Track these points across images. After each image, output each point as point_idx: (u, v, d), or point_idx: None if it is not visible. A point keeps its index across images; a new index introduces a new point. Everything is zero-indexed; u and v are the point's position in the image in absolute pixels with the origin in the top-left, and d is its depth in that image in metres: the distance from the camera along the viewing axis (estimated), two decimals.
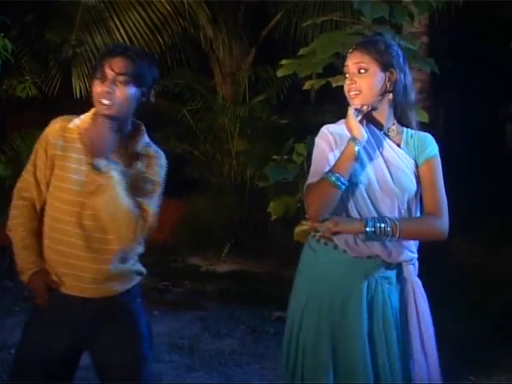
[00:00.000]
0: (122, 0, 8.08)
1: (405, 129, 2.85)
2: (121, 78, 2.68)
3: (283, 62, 5.27)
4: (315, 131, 3.05)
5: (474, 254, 7.61)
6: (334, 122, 2.94)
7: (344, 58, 2.81)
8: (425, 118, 5.75)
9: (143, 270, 2.92)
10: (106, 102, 2.68)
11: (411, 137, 2.84)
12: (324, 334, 2.81)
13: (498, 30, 9.92)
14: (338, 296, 2.81)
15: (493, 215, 8.74)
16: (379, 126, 2.82)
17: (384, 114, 2.81)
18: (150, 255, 2.95)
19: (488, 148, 10.80)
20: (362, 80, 2.75)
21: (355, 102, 2.75)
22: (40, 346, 2.75)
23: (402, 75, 2.78)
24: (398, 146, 2.82)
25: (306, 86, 5.59)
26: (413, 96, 2.87)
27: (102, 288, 2.75)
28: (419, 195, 2.83)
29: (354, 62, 2.77)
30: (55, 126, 2.77)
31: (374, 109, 2.79)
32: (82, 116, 2.79)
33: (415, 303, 2.84)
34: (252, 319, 6.00)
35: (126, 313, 2.84)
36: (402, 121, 2.86)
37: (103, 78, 2.68)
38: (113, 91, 2.68)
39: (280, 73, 5.27)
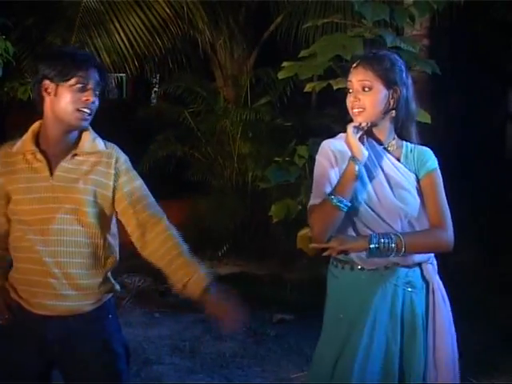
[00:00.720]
0: (122, 3, 8.07)
1: (404, 143, 2.85)
2: (98, 88, 2.66)
3: (284, 64, 5.27)
4: (317, 133, 3.07)
5: (474, 255, 7.60)
6: (334, 124, 2.94)
7: (345, 61, 2.80)
8: (427, 118, 5.75)
9: (115, 285, 2.83)
10: (87, 111, 2.64)
11: (411, 151, 2.83)
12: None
13: (499, 31, 9.92)
14: (363, 314, 2.77)
15: (494, 216, 8.74)
16: (379, 141, 2.81)
17: (385, 130, 2.81)
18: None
19: (489, 149, 10.79)
20: (366, 98, 2.73)
21: (358, 119, 2.74)
22: (8, 366, 2.69)
23: (405, 90, 2.78)
24: (398, 160, 2.81)
25: (307, 88, 5.59)
26: (414, 108, 2.85)
27: (71, 306, 2.67)
28: (422, 208, 2.80)
29: (359, 79, 2.74)
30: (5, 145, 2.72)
31: (374, 125, 2.78)
32: (22, 138, 2.72)
33: (434, 309, 2.82)
34: (253, 322, 5.98)
35: (96, 330, 2.72)
36: (403, 135, 2.86)
37: (84, 87, 2.62)
38: (95, 101, 2.66)
39: (281, 75, 5.26)
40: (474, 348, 5.37)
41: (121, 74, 10.94)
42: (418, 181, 2.80)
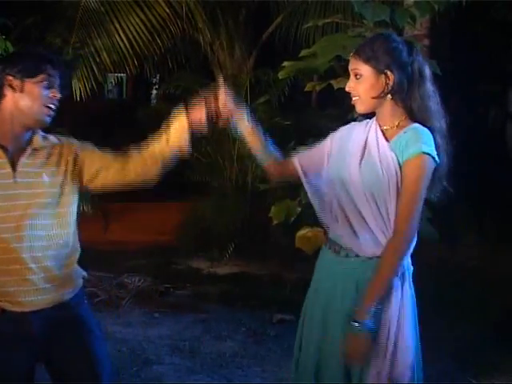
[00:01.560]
0: (121, 3, 8.06)
1: (409, 126, 2.68)
2: (61, 85, 2.70)
3: (285, 63, 5.27)
4: (317, 134, 3.05)
5: (475, 255, 7.61)
6: (335, 124, 2.93)
7: (344, 61, 2.79)
8: None
9: (84, 272, 2.88)
10: (53, 107, 2.68)
11: (404, 132, 2.67)
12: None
13: (499, 31, 9.92)
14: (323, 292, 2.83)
15: (495, 216, 8.74)
16: (381, 124, 2.75)
17: (386, 115, 2.73)
18: (152, 257, 2.96)
19: (489, 149, 10.80)
20: (358, 86, 2.71)
21: (356, 108, 2.75)
22: (4, 372, 2.68)
23: (401, 72, 2.67)
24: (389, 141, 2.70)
25: (308, 88, 5.59)
26: (425, 89, 2.72)
27: (52, 298, 2.71)
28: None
29: (352, 68, 2.74)
30: None
31: (374, 111, 2.76)
32: None
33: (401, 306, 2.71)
34: (253, 322, 5.99)
35: (76, 315, 2.81)
36: (419, 117, 2.71)
37: (50, 84, 2.65)
38: (59, 98, 2.70)
39: (281, 75, 5.26)
40: (474, 348, 5.39)
41: (121, 74, 10.96)
42: (400, 164, 2.63)
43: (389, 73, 2.67)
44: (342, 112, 6.13)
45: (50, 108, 2.67)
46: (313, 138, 3.00)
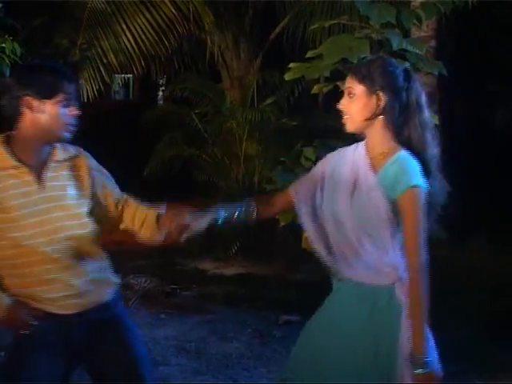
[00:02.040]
0: (128, 4, 8.07)
1: (398, 153, 2.66)
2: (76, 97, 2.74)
3: (291, 65, 5.27)
4: (323, 135, 3.07)
5: (482, 258, 7.59)
6: (341, 126, 2.91)
7: (351, 62, 2.78)
8: (434, 119, 5.75)
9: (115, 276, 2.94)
10: (74, 123, 2.72)
11: (393, 162, 2.64)
12: None
13: (504, 32, 9.90)
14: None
15: (501, 217, 8.72)
16: (369, 151, 2.74)
17: (376, 138, 2.72)
18: (158, 258, 2.97)
19: (495, 150, 10.78)
20: (351, 104, 2.71)
21: (347, 127, 2.75)
22: (38, 373, 2.68)
23: (394, 96, 2.66)
24: (375, 171, 2.68)
25: (314, 89, 5.58)
26: (422, 117, 2.71)
27: (93, 299, 2.76)
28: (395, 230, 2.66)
29: (347, 86, 2.74)
30: None
31: (365, 131, 2.74)
32: None
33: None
34: (259, 323, 5.99)
35: (116, 316, 2.86)
36: (417, 146, 2.70)
37: (69, 102, 2.69)
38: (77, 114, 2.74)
39: (288, 76, 5.26)
40: (480, 349, 5.38)
41: (127, 75, 10.97)
42: (392, 199, 2.62)
43: (380, 94, 2.66)
44: None
45: (70, 125, 2.71)
46: (319, 139, 3.01)
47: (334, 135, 3.02)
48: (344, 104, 2.74)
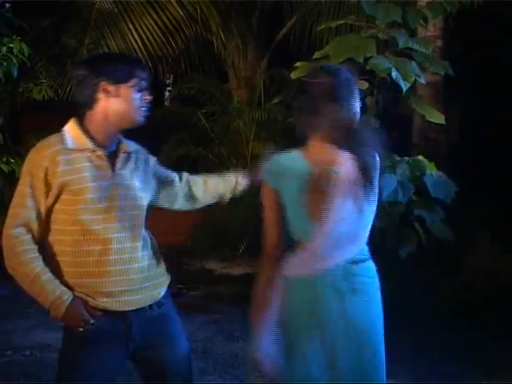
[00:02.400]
0: (135, 4, 8.09)
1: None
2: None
3: (298, 64, 5.29)
4: None
5: (490, 257, 7.56)
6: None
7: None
8: (441, 119, 5.76)
9: None
10: (146, 107, 2.81)
11: None
12: None
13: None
14: None
15: (505, 220, 8.68)
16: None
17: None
18: (165, 258, 2.98)
19: (503, 149, 10.74)
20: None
21: None
22: (97, 370, 2.71)
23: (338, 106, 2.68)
24: None
25: None
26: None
27: (150, 295, 2.81)
28: None
29: None
30: (46, 152, 2.67)
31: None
32: (67, 135, 2.73)
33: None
34: None
35: (168, 312, 2.91)
36: None
37: (142, 87, 2.77)
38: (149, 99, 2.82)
39: (294, 75, 5.27)
40: (487, 349, 5.37)
41: None
42: None
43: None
44: None
45: (144, 109, 2.79)
46: None
47: None
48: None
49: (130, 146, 2.86)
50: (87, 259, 2.66)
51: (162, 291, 2.86)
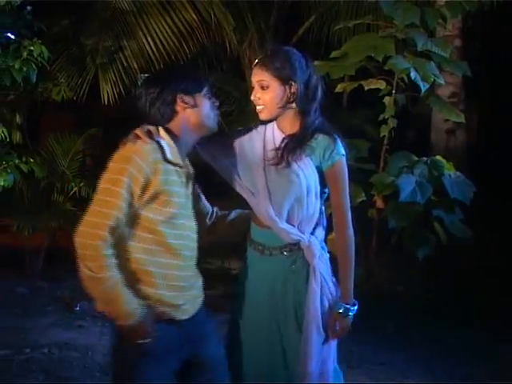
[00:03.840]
0: (149, 7, 8.09)
1: (318, 134, 2.96)
2: None
3: (315, 63, 5.28)
4: (348, 135, 3.07)
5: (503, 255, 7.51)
6: (366, 125, 2.95)
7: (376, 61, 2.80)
8: (461, 118, 5.73)
9: None
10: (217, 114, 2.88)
11: (315, 138, 2.94)
12: None
13: None
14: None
15: None
16: (285, 131, 2.97)
17: (288, 121, 2.95)
18: None
19: None
20: (265, 96, 2.90)
21: (261, 116, 2.94)
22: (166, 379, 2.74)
23: (302, 85, 2.91)
24: (302, 150, 2.90)
25: (338, 88, 5.58)
26: (318, 97, 3.01)
27: (200, 302, 2.89)
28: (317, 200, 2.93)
29: (256, 79, 2.92)
30: (150, 158, 2.63)
31: (277, 118, 2.96)
32: (167, 145, 2.70)
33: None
34: None
35: (206, 318, 2.96)
36: (327, 127, 3.03)
37: (212, 93, 2.84)
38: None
39: None
40: (495, 350, 5.36)
41: None
42: (321, 171, 2.91)
43: (292, 83, 2.89)
44: (373, 113, 6.14)
45: (216, 115, 2.84)
46: (344, 139, 3.03)
47: (359, 135, 3.02)
48: (257, 96, 2.92)
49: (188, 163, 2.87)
50: (162, 271, 2.68)
51: (202, 297, 2.93)
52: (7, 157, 6.10)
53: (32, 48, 5.81)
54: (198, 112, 2.76)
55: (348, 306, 2.90)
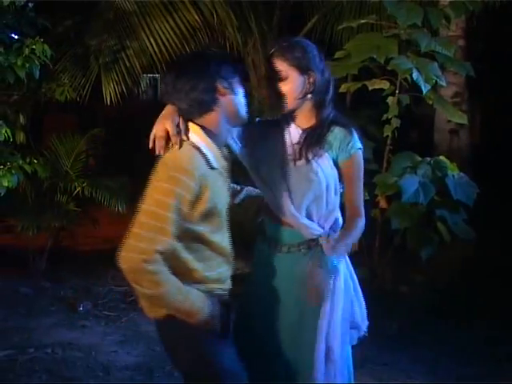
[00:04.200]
0: (151, 7, 8.08)
1: (334, 126, 2.91)
2: None
3: None
4: None
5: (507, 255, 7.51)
6: (370, 125, 2.97)
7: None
8: (464, 119, 5.72)
9: None
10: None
11: (331, 131, 2.90)
12: None
13: None
14: None
15: None
16: (302, 125, 2.94)
17: (305, 115, 2.92)
18: None
19: None
20: (284, 87, 2.85)
21: (279, 108, 2.94)
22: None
23: (320, 75, 2.88)
24: (320, 145, 2.86)
25: (342, 88, 5.57)
26: (331, 89, 2.97)
27: None
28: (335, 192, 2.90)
29: (273, 70, 2.86)
30: (196, 174, 2.54)
31: (295, 110, 2.92)
32: (210, 151, 2.63)
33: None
34: None
35: None
36: (341, 119, 2.97)
37: (242, 80, 2.78)
38: None
39: None
40: (504, 350, 5.35)
41: (155, 75, 11.01)
42: (337, 163, 2.89)
43: (311, 73, 2.86)
44: (376, 113, 6.13)
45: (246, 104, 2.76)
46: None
47: (363, 135, 3.02)
48: (277, 87, 2.85)
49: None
50: (215, 273, 2.71)
51: None
52: (11, 157, 6.09)
53: (34, 47, 5.80)
54: (235, 99, 2.68)
55: (333, 235, 2.85)
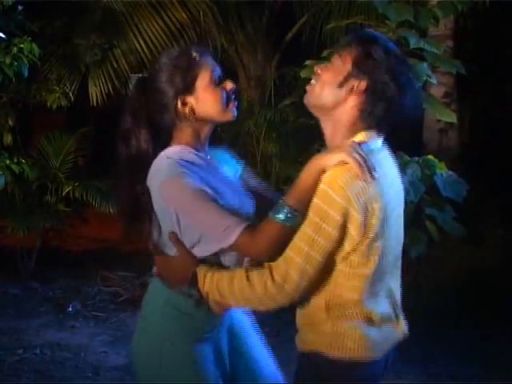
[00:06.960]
0: (139, 7, 8.07)
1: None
2: None
3: (307, 62, 5.28)
4: None
5: (502, 255, 7.53)
6: None
7: None
8: (453, 118, 5.73)
9: None
10: None
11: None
12: None
13: None
14: None
15: None
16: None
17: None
18: None
19: None
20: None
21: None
22: None
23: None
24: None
25: None
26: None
27: None
28: None
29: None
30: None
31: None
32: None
33: None
34: (277, 323, 5.98)
35: None
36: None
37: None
38: None
39: (304, 73, 5.27)
40: (504, 350, 5.36)
41: (144, 75, 10.99)
42: None
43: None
44: None
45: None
46: None
47: None
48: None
49: None
50: None
51: None
52: None
53: (22, 45, 5.78)
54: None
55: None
